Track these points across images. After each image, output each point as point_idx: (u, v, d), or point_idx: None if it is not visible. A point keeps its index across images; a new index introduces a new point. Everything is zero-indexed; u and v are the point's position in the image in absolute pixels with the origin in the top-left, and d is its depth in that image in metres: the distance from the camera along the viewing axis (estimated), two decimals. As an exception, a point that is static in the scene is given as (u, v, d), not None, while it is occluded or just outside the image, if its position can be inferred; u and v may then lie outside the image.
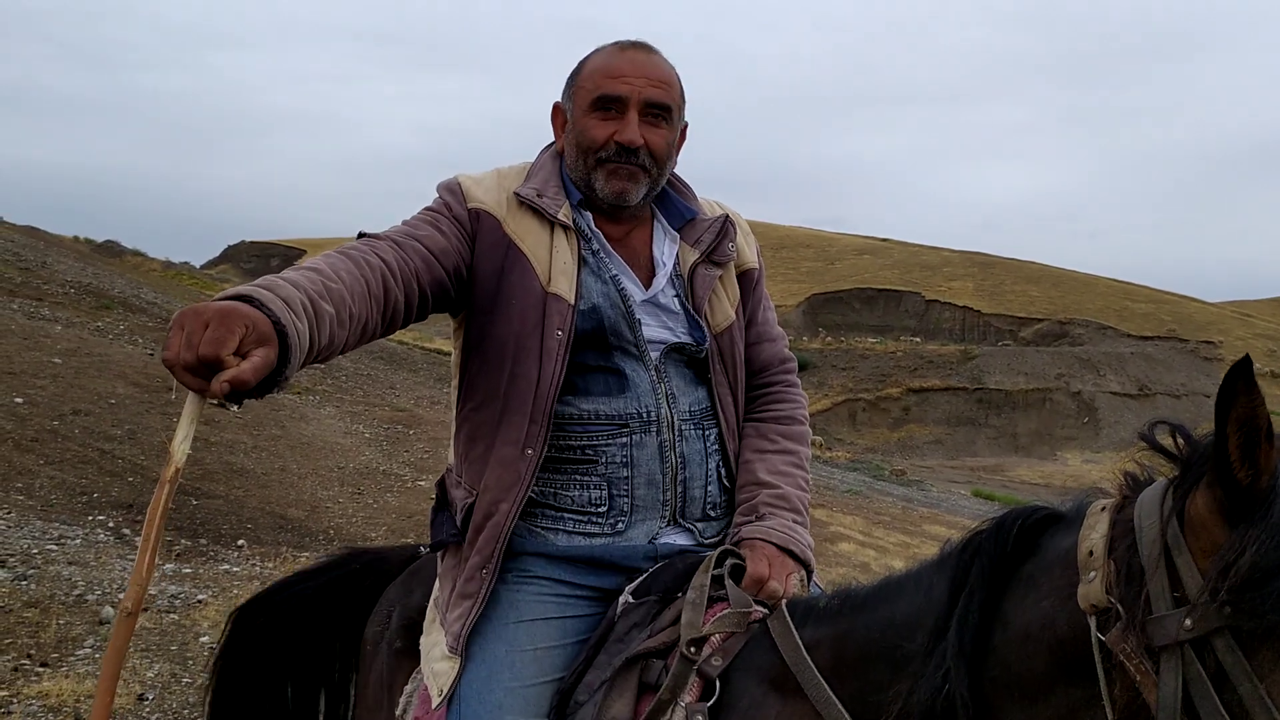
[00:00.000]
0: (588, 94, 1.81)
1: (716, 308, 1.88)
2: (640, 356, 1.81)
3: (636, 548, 1.79)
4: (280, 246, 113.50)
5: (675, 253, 1.89)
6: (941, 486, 36.78)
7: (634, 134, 1.77)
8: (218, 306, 1.27)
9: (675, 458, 1.81)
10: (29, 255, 21.85)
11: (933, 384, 60.12)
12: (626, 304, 1.80)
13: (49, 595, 5.54)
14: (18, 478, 8.10)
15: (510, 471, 1.76)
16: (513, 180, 1.87)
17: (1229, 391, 1.07)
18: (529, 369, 1.75)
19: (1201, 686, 1.07)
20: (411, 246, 1.71)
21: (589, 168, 1.82)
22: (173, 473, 1.25)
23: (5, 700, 4.18)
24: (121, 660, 1.27)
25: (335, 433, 13.66)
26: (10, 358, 11.45)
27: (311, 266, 1.53)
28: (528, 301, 1.76)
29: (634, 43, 1.85)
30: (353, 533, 9.68)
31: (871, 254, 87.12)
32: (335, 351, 1.50)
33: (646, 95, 1.78)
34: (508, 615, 1.76)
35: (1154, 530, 1.16)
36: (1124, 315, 73.31)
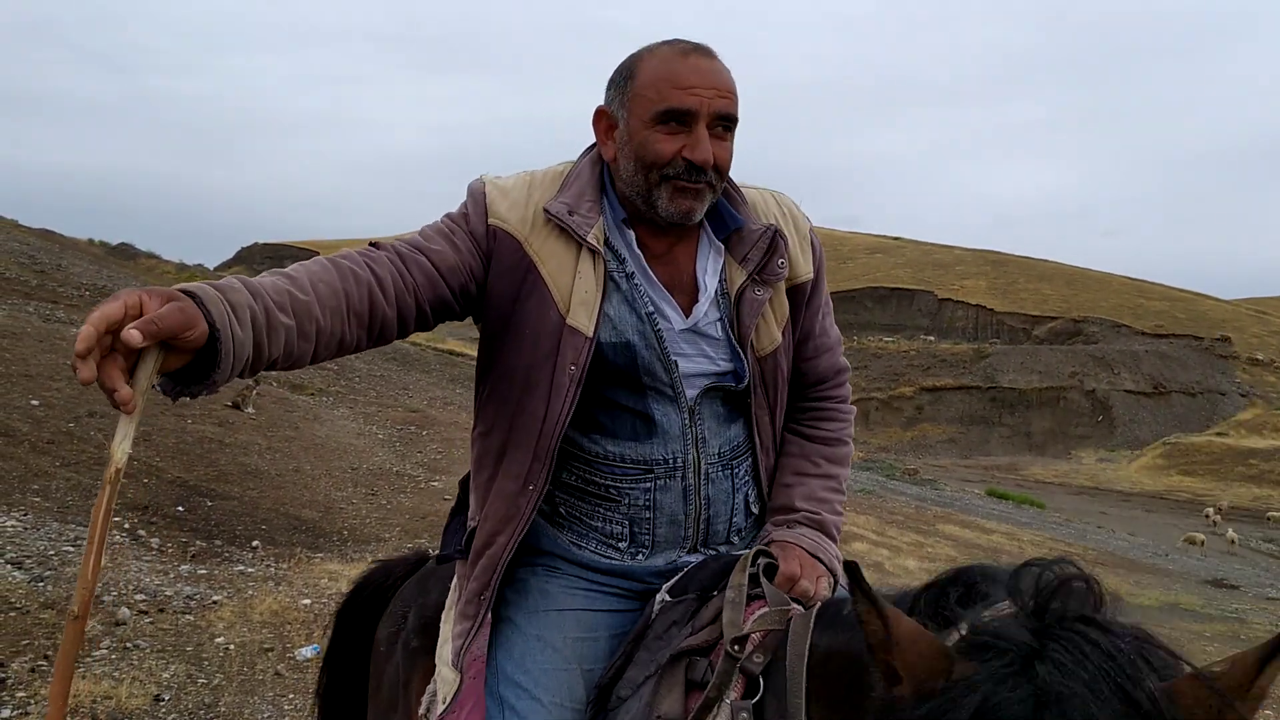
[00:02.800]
0: (650, 104, 1.64)
1: (763, 332, 1.76)
2: (675, 398, 1.72)
3: (659, 568, 1.78)
4: (293, 248, 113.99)
5: (720, 268, 1.75)
6: (955, 486, 36.67)
7: (705, 152, 1.62)
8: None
9: (699, 500, 1.76)
10: (44, 258, 22.00)
11: (946, 383, 59.96)
12: (662, 343, 1.69)
13: (65, 597, 5.57)
14: (34, 480, 8.15)
15: (510, 506, 1.72)
16: (545, 191, 1.73)
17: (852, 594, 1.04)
18: (536, 403, 1.67)
19: None
20: (415, 260, 1.63)
21: (651, 184, 1.66)
22: (113, 473, 1.22)
23: (23, 701, 4.21)
24: (72, 666, 1.24)
25: (349, 434, 13.71)
26: (26, 360, 11.52)
27: (288, 274, 1.48)
28: (542, 331, 1.66)
29: (695, 46, 1.68)
30: (366, 534, 9.71)
31: (884, 253, 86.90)
32: (300, 362, 1.46)
33: (715, 107, 1.63)
34: (538, 603, 1.76)
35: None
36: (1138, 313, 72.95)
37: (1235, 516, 38.17)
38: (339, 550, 8.86)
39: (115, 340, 1.19)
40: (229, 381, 1.35)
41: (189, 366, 1.28)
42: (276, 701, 4.67)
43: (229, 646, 5.27)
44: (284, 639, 5.53)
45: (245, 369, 1.35)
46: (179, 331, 1.21)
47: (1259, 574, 23.15)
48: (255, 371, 1.39)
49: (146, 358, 1.21)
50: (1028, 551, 19.80)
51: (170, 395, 1.31)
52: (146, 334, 1.18)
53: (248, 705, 4.57)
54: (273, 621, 5.81)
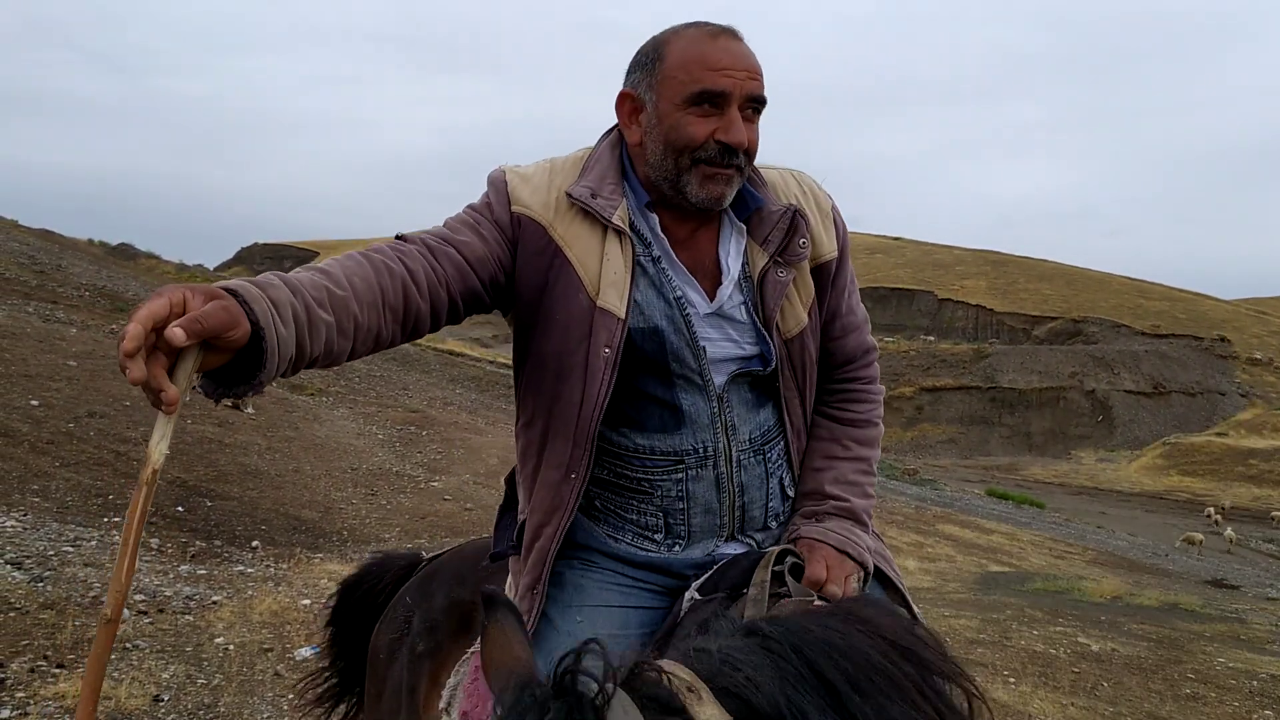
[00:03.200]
0: (682, 86, 1.61)
1: (788, 313, 1.73)
2: (703, 386, 1.70)
3: (695, 560, 1.76)
4: (293, 248, 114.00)
5: (743, 250, 1.72)
6: (955, 486, 36.67)
7: (740, 134, 1.60)
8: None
9: (733, 487, 1.75)
10: (44, 259, 22.00)
11: (946, 383, 59.98)
12: (690, 327, 1.67)
13: (65, 597, 5.57)
14: (34, 480, 8.15)
15: (554, 495, 1.71)
16: (566, 175, 1.71)
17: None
18: (572, 389, 1.66)
19: None
20: (445, 252, 1.60)
21: (681, 168, 1.64)
22: (150, 474, 1.20)
23: (22, 702, 4.21)
24: (103, 668, 1.23)
25: (348, 434, 13.70)
26: (26, 360, 11.52)
27: (323, 269, 1.47)
28: (573, 315, 1.64)
29: (724, 28, 1.65)
30: (366, 534, 9.71)
31: (884, 253, 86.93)
32: (339, 359, 1.45)
33: (748, 89, 1.61)
34: (572, 598, 1.75)
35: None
36: (1138, 313, 72.96)
37: (1235, 516, 38.17)
38: (339, 550, 8.86)
39: (158, 339, 1.15)
40: (273, 381, 1.32)
41: (229, 366, 1.26)
42: (276, 702, 4.67)
43: (228, 647, 5.27)
44: (283, 639, 5.53)
45: (289, 368, 1.32)
46: (223, 330, 1.19)
47: (1259, 574, 23.14)
48: (296, 370, 1.37)
49: (186, 357, 1.18)
50: (1027, 551, 19.81)
51: (213, 397, 1.29)
52: (190, 332, 1.15)
53: (247, 705, 4.57)
54: (272, 622, 5.80)
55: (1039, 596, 12.80)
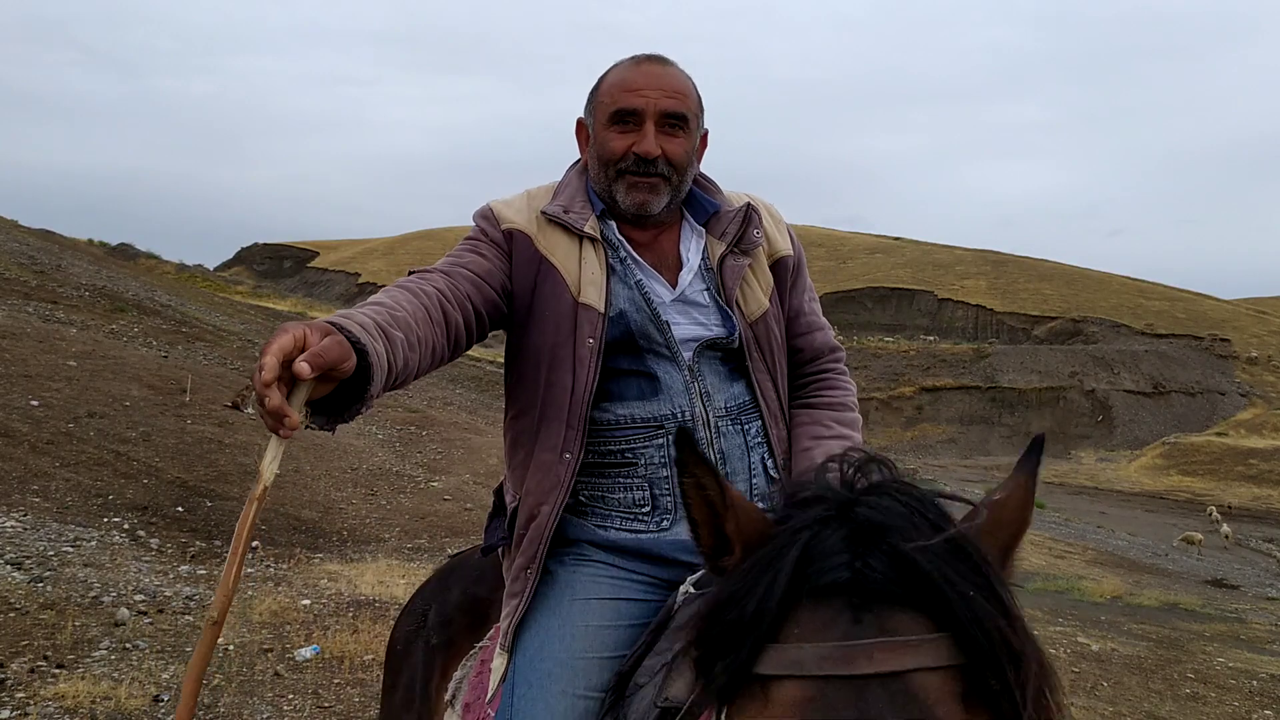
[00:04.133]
0: (606, 108, 1.87)
1: (749, 296, 1.91)
2: (673, 358, 1.85)
3: (684, 542, 1.82)
4: (293, 248, 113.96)
5: (703, 247, 1.92)
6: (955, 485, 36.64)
7: (650, 144, 1.82)
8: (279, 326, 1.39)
9: (714, 454, 1.85)
10: (44, 259, 22.01)
11: (945, 383, 60.00)
12: (652, 306, 1.85)
13: (65, 597, 5.57)
14: (34, 480, 8.15)
15: (550, 475, 1.83)
16: (541, 199, 1.93)
17: (679, 462, 1.04)
18: (564, 377, 1.82)
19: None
20: (459, 273, 1.80)
21: (610, 179, 1.87)
22: (260, 491, 1.34)
23: (22, 701, 4.21)
24: (205, 666, 1.35)
25: (348, 434, 13.70)
26: (26, 361, 11.52)
27: (377, 301, 1.62)
28: (560, 312, 1.82)
29: (649, 56, 1.91)
30: (366, 534, 9.72)
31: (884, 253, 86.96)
32: (410, 376, 1.60)
33: (662, 106, 1.83)
34: (563, 594, 1.83)
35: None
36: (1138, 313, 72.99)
37: (1235, 516, 38.16)
38: (338, 551, 8.87)
39: (284, 370, 1.30)
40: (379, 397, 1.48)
41: (332, 395, 1.40)
42: (276, 702, 4.67)
43: (228, 647, 5.27)
44: (283, 639, 5.53)
45: (385, 383, 1.47)
46: (339, 363, 1.34)
47: (1259, 574, 23.15)
48: (388, 388, 1.51)
49: (301, 386, 1.32)
50: (1027, 551, 19.78)
51: (326, 429, 1.45)
52: (315, 366, 1.30)
53: (247, 706, 4.57)
54: (272, 622, 5.81)
55: (1039, 596, 12.82)
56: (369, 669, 5.23)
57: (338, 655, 5.34)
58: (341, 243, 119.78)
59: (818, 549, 0.95)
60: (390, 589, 7.07)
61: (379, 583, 7.25)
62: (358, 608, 6.43)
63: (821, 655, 0.92)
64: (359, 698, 4.85)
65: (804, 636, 0.94)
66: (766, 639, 0.94)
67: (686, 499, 1.06)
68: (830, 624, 0.93)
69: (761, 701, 0.94)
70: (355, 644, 5.54)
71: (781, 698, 0.93)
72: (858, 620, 0.93)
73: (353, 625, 5.98)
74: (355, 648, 5.47)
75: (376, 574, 7.60)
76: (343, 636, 5.69)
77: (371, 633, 5.79)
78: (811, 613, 0.94)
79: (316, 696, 4.80)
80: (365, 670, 5.23)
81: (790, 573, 0.94)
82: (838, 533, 0.96)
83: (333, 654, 5.36)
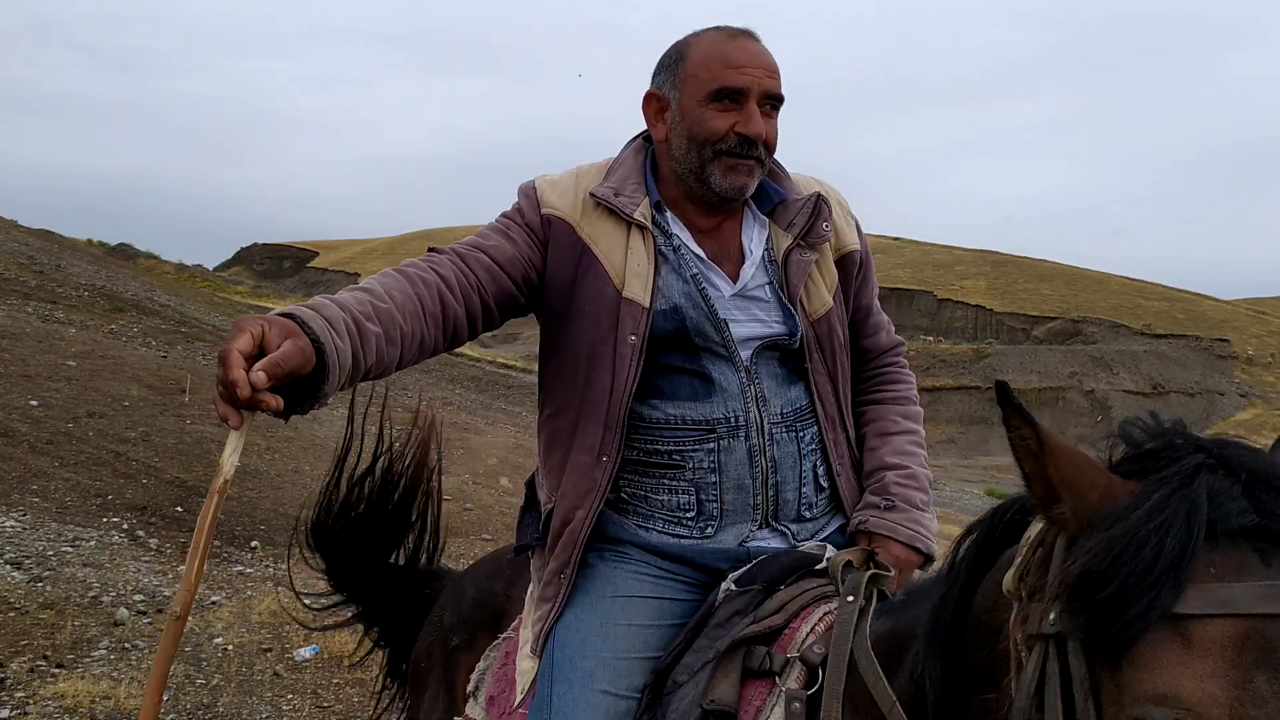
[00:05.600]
0: (703, 84, 1.73)
1: (813, 293, 1.81)
2: (729, 357, 1.76)
3: (727, 550, 1.77)
4: (292, 248, 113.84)
5: (766, 238, 1.82)
6: (955, 486, 36.65)
7: (759, 125, 1.72)
8: (238, 319, 1.35)
9: (765, 462, 1.77)
10: (43, 258, 21.99)
11: (945, 383, 59.98)
12: (709, 303, 1.75)
13: (64, 597, 5.57)
14: (33, 480, 8.14)
15: (586, 479, 1.76)
16: (591, 179, 1.82)
17: (1005, 423, 1.08)
18: (603, 376, 1.73)
19: (1052, 684, 1.03)
20: (475, 258, 1.71)
21: (704, 160, 1.75)
22: (221, 484, 1.33)
23: (21, 701, 4.21)
24: (170, 663, 1.33)
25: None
26: (25, 360, 11.51)
27: (363, 287, 1.57)
28: (601, 307, 1.73)
29: (742, 30, 1.78)
30: (365, 534, 9.70)
31: (883, 253, 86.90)
32: (389, 368, 1.55)
33: (765, 86, 1.73)
34: (604, 590, 1.76)
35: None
36: (1137, 313, 72.94)
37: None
38: (338, 550, 8.85)
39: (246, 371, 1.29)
40: (335, 393, 1.45)
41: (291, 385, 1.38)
42: (275, 702, 4.67)
43: (227, 647, 5.27)
44: (282, 640, 5.52)
45: (346, 380, 1.44)
46: (298, 370, 1.33)
47: (1258, 574, 23.14)
48: (353, 382, 1.48)
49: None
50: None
51: (282, 417, 1.41)
52: (272, 376, 1.29)
53: (246, 706, 4.57)
54: (271, 622, 5.80)
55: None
56: (368, 669, 5.23)
57: (337, 655, 5.34)
58: (341, 243, 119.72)
59: (1218, 494, 0.97)
60: (389, 589, 7.07)
61: (378, 583, 7.24)
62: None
63: (1254, 594, 0.93)
64: (358, 698, 4.85)
65: (1224, 576, 0.94)
66: (1185, 580, 0.94)
67: (1016, 453, 1.09)
68: (1244, 566, 0.95)
69: (1180, 643, 0.94)
70: (355, 644, 5.53)
71: (1209, 637, 0.93)
72: (1268, 564, 0.95)
73: (352, 625, 5.98)
74: (355, 648, 5.46)
75: (376, 574, 7.58)
76: (342, 636, 5.68)
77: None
78: (1223, 555, 0.96)
79: (316, 696, 4.80)
80: (365, 670, 5.23)
81: (1204, 516, 0.95)
82: (1227, 480, 0.98)
83: (332, 654, 5.36)
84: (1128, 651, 0.96)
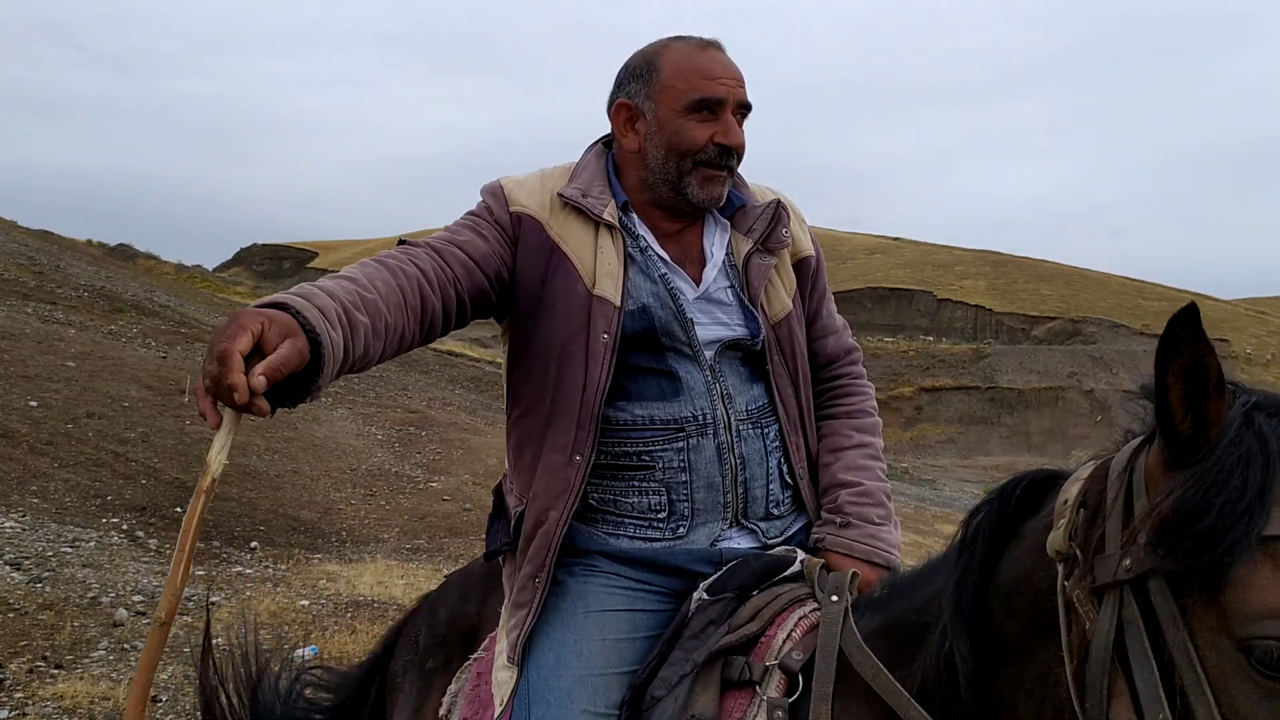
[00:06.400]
0: (681, 95, 1.74)
1: (773, 297, 1.84)
2: (694, 357, 1.77)
3: (699, 551, 1.76)
4: (292, 249, 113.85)
5: (727, 242, 1.84)
6: (954, 486, 36.69)
7: (739, 137, 1.75)
8: (234, 312, 1.31)
9: (734, 459, 1.77)
10: (43, 259, 21.99)
11: (945, 383, 59.99)
12: (677, 302, 1.76)
13: (63, 598, 5.57)
14: (32, 481, 8.15)
15: (559, 479, 1.73)
16: (556, 181, 1.83)
17: (1172, 340, 1.06)
18: (575, 374, 1.72)
19: (1134, 629, 1.07)
20: (450, 253, 1.70)
21: (683, 170, 1.76)
22: (209, 483, 1.27)
23: (21, 702, 4.20)
24: (154, 668, 1.29)
25: (347, 434, 13.70)
26: (25, 361, 11.51)
27: (347, 276, 1.54)
28: (572, 305, 1.72)
29: (711, 41, 1.80)
30: (365, 534, 9.71)
31: (883, 253, 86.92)
32: (371, 361, 1.51)
33: (739, 96, 1.76)
34: (576, 606, 1.74)
35: (1117, 476, 1.16)
36: (1136, 313, 72.97)
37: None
38: (337, 551, 8.86)
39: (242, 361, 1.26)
40: (329, 384, 1.41)
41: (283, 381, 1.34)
42: (275, 702, 4.67)
43: (227, 647, 5.27)
44: (282, 640, 5.52)
45: (335, 371, 1.40)
46: (296, 369, 1.30)
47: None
48: (341, 374, 1.44)
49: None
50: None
51: (270, 412, 1.37)
52: (271, 379, 1.27)
53: (246, 706, 4.57)
54: (271, 623, 5.80)
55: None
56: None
57: (336, 656, 5.34)
58: (341, 243, 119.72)
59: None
60: (389, 590, 7.07)
61: (378, 583, 7.24)
62: (356, 608, 6.43)
63: None
64: (358, 698, 4.85)
65: None
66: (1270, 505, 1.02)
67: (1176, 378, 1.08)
68: None
69: (1273, 563, 1.01)
70: (354, 644, 5.53)
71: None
72: None
73: (351, 626, 5.98)
74: (354, 648, 5.46)
75: (375, 575, 7.59)
76: (341, 637, 5.68)
77: (370, 633, 5.78)
78: None
79: (315, 697, 4.80)
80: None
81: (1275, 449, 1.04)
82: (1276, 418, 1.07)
83: (331, 655, 5.36)
84: (1225, 578, 1.02)
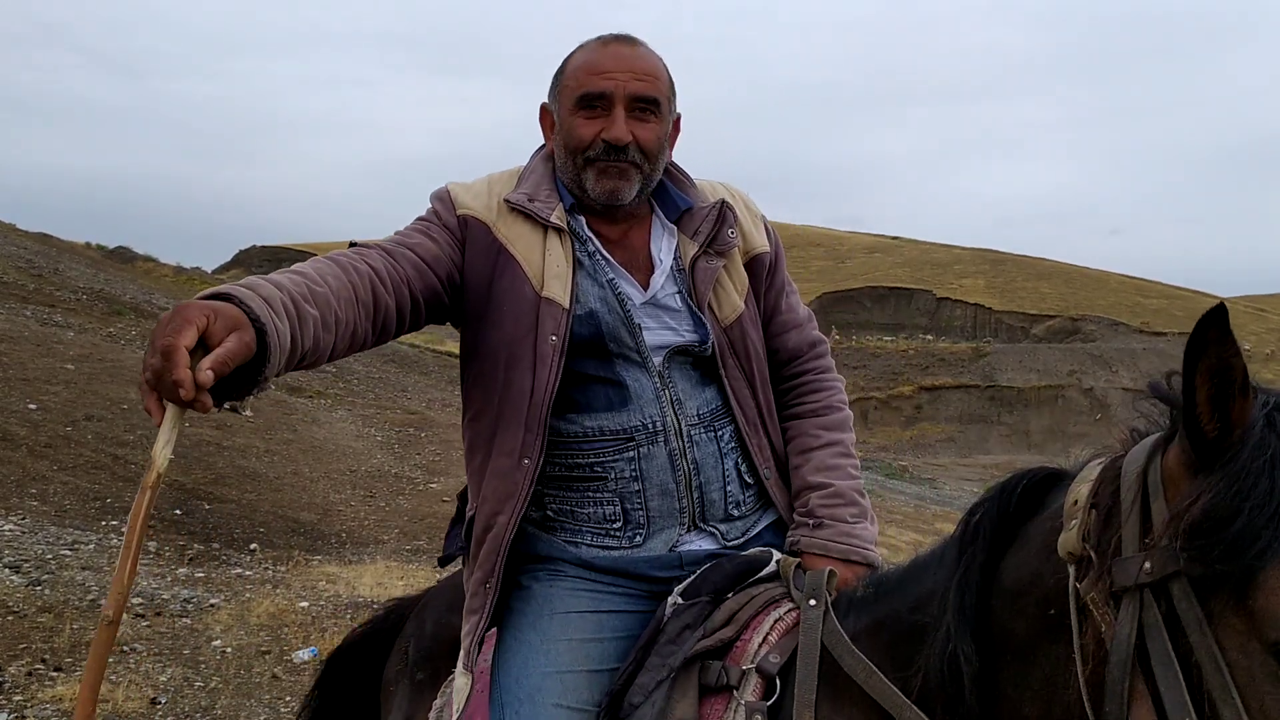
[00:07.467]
0: (571, 92, 1.75)
1: (723, 299, 1.80)
2: (643, 363, 1.74)
3: (658, 558, 1.75)
4: (291, 251, 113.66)
5: (674, 247, 1.81)
6: (954, 484, 36.70)
7: (621, 131, 1.71)
8: (178, 305, 1.28)
9: (687, 465, 1.75)
10: (41, 262, 21.97)
11: (944, 382, 59.98)
12: (625, 308, 1.74)
13: (63, 600, 5.56)
14: (32, 484, 8.14)
15: (507, 483, 1.71)
16: (504, 186, 1.82)
17: (1200, 340, 1.05)
18: (522, 377, 1.70)
19: (1156, 631, 1.05)
20: (402, 254, 1.68)
21: (578, 168, 1.76)
22: (154, 478, 1.25)
23: (20, 705, 4.20)
24: (103, 669, 1.25)
25: (347, 436, 13.70)
26: (24, 364, 11.50)
27: (298, 270, 1.52)
28: (520, 307, 1.71)
29: (616, 36, 1.79)
30: (364, 536, 9.71)
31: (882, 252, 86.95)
32: (323, 356, 1.49)
33: (631, 90, 1.72)
34: (541, 609, 1.73)
35: (1134, 478, 1.15)
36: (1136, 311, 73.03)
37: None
38: (337, 553, 8.86)
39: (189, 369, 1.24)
40: (275, 377, 1.39)
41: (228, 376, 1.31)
42: (273, 704, 4.67)
43: (226, 649, 5.27)
44: (281, 642, 5.52)
45: (283, 365, 1.38)
46: (242, 362, 1.28)
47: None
48: (289, 368, 1.42)
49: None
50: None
51: (217, 406, 1.34)
52: (219, 374, 1.24)
53: (244, 708, 4.57)
54: (270, 624, 5.80)
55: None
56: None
57: (336, 657, 5.34)
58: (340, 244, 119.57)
59: None
60: (389, 590, 7.06)
61: (377, 584, 7.24)
62: (356, 609, 6.42)
63: None
64: (358, 700, 4.84)
65: None
66: None
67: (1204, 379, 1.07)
68: None
69: None
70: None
71: None
72: None
73: (351, 627, 5.97)
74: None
75: (375, 576, 7.59)
76: (341, 638, 5.68)
77: (370, 634, 5.78)
78: None
79: (315, 699, 4.79)
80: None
81: None
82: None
83: (331, 656, 5.36)
84: (1254, 581, 1.00)
